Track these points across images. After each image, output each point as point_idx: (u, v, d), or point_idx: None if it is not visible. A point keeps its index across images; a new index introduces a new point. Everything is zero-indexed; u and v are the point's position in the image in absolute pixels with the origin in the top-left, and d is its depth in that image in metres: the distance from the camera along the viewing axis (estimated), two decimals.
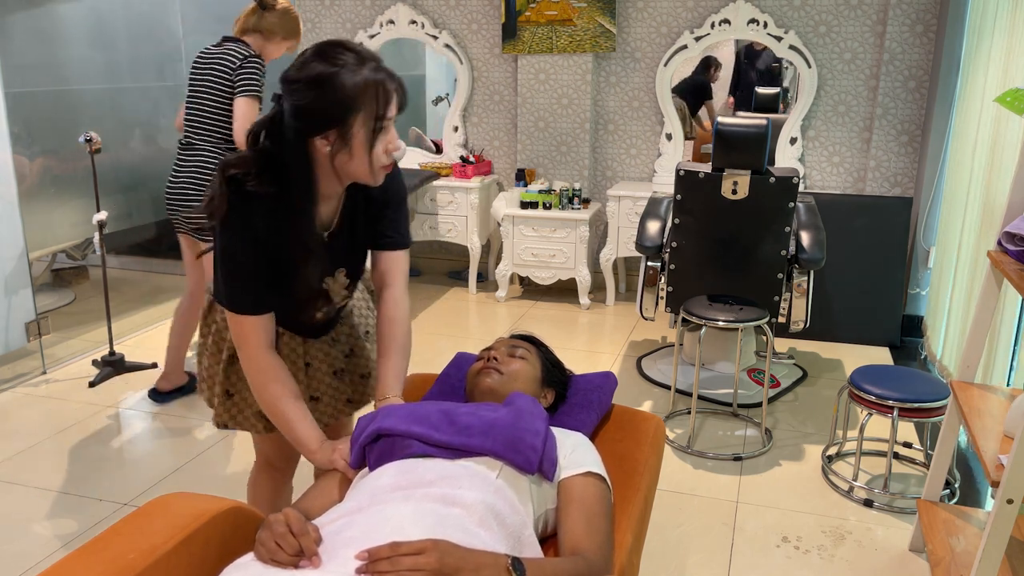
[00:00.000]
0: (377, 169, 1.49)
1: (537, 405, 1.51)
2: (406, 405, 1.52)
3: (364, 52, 1.45)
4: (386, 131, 1.46)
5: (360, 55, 1.43)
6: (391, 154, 1.48)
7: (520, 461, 1.38)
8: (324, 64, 1.40)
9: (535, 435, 1.40)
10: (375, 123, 1.43)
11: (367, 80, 1.41)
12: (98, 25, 4.13)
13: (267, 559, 1.18)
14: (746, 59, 4.76)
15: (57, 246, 4.14)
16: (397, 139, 1.48)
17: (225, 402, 1.75)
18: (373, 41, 4.98)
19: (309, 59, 1.42)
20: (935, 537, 2.14)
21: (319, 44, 1.44)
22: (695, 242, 3.26)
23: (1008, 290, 2.68)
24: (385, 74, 1.44)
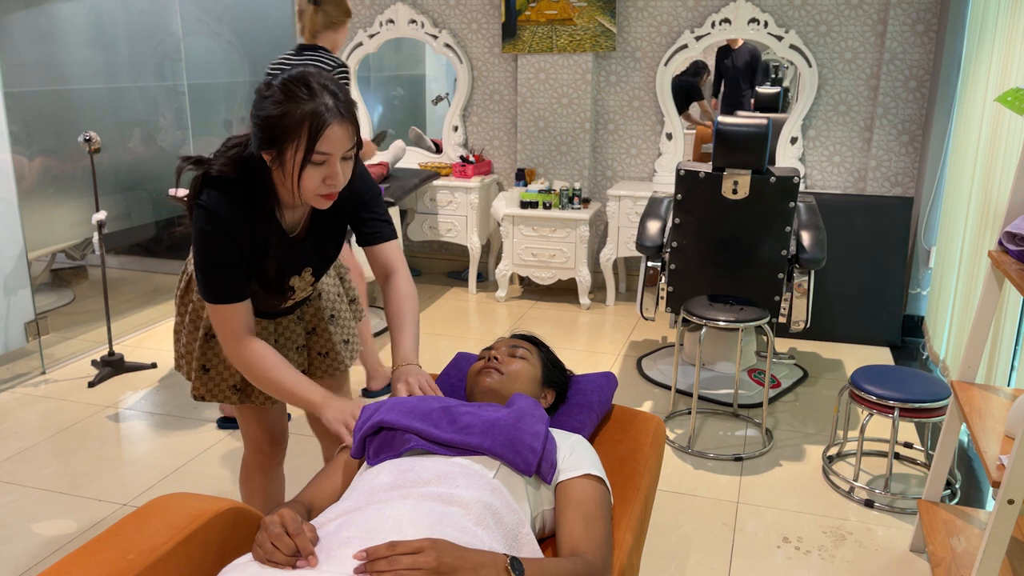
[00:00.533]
0: (312, 196, 1.51)
1: (538, 407, 1.51)
2: (410, 399, 1.52)
3: (321, 88, 1.46)
4: (326, 164, 1.47)
5: (312, 90, 1.45)
6: (329, 187, 1.50)
7: (518, 462, 1.38)
8: (281, 90, 1.45)
9: (534, 437, 1.40)
10: (305, 155, 1.45)
11: (304, 112, 1.43)
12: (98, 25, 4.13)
13: (264, 560, 1.18)
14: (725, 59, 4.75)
15: (56, 246, 4.14)
16: (338, 175, 1.48)
17: (202, 376, 1.84)
18: (373, 41, 4.97)
19: (277, 82, 1.47)
20: (936, 537, 2.14)
21: (292, 74, 1.48)
22: (695, 242, 3.26)
23: (1009, 290, 2.68)
24: (332, 113, 1.44)
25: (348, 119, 1.47)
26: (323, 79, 1.48)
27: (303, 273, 1.74)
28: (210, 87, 4.78)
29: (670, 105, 4.53)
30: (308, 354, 1.96)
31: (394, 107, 5.70)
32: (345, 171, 1.51)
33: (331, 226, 1.72)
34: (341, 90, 1.49)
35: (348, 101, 1.49)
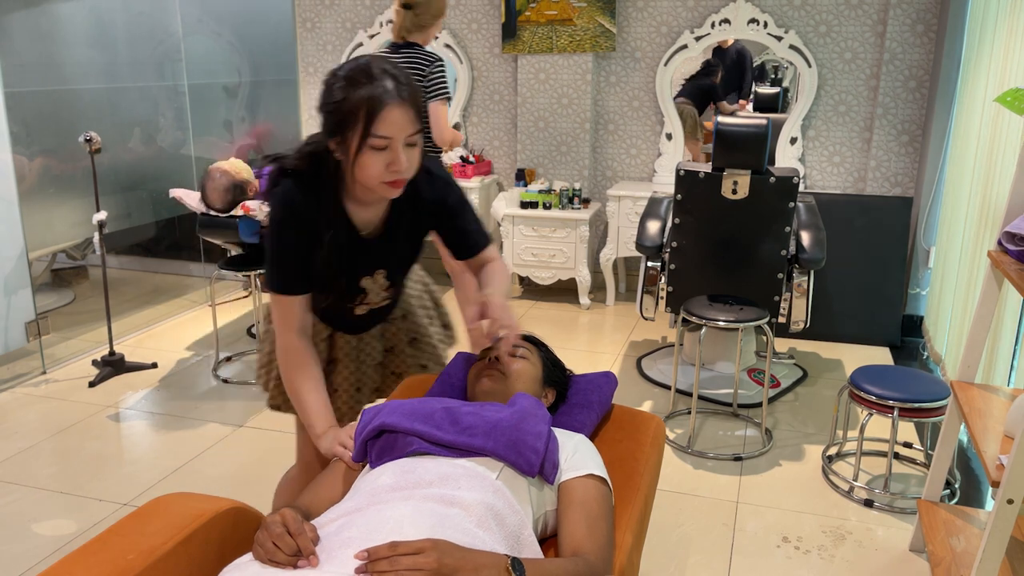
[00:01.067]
0: (377, 184, 1.50)
1: (540, 407, 1.51)
2: (410, 401, 1.52)
3: (381, 72, 1.45)
4: (388, 150, 1.46)
5: (373, 75, 1.44)
6: (393, 173, 1.48)
7: (521, 463, 1.37)
8: (344, 77, 1.46)
9: (537, 437, 1.40)
10: (363, 138, 1.44)
11: (363, 95, 1.43)
12: (98, 25, 4.13)
13: (265, 560, 1.18)
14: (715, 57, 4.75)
15: (57, 246, 4.14)
16: (400, 161, 1.46)
17: (279, 385, 1.86)
18: (373, 41, 4.98)
19: (342, 71, 1.48)
20: (935, 537, 2.14)
21: (355, 61, 1.48)
22: (695, 242, 3.26)
23: (1008, 290, 2.68)
24: (391, 95, 1.43)
25: (410, 103, 1.45)
26: (385, 64, 1.47)
27: (375, 275, 1.72)
28: (210, 87, 4.78)
29: (670, 105, 4.54)
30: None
31: None
32: (410, 157, 1.48)
33: (407, 228, 1.68)
34: (403, 75, 1.47)
35: (411, 86, 1.46)
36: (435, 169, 1.67)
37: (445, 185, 1.68)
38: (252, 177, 3.50)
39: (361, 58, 1.49)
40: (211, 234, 3.59)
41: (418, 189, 1.63)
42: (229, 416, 3.23)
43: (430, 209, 1.67)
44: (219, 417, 3.22)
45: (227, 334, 4.21)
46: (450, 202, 1.69)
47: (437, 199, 1.67)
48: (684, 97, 4.68)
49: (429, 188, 1.65)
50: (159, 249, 5.31)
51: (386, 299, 1.81)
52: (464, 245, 1.74)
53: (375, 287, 1.75)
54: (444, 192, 1.68)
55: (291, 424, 3.19)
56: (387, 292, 1.79)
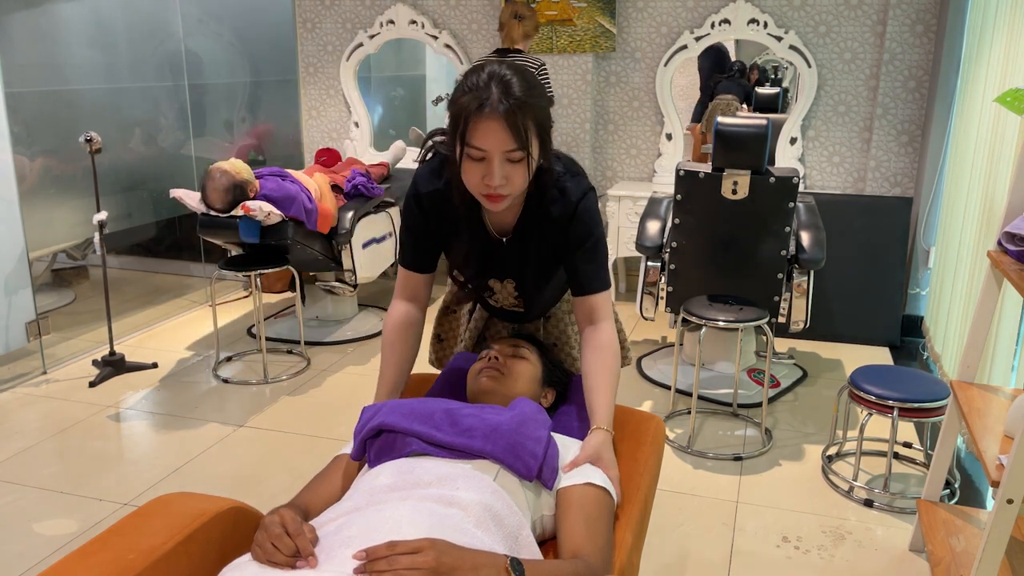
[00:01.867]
0: (477, 195, 1.50)
1: (541, 412, 1.51)
2: (410, 401, 1.52)
3: (490, 80, 1.42)
4: (485, 162, 1.43)
5: (482, 81, 1.42)
6: (486, 186, 1.45)
7: (519, 467, 1.37)
8: (464, 75, 1.46)
9: (536, 442, 1.40)
10: (460, 146, 1.44)
11: (464, 102, 1.42)
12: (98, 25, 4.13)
13: (264, 560, 1.17)
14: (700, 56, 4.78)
15: (57, 246, 4.14)
16: (493, 175, 1.42)
17: (435, 344, 2.08)
18: (373, 41, 4.98)
19: (471, 67, 1.49)
20: (935, 537, 2.14)
21: (482, 66, 1.46)
22: (695, 242, 3.26)
23: (1008, 290, 2.68)
24: (490, 107, 1.39)
25: (513, 118, 1.39)
26: (504, 72, 1.43)
27: (504, 282, 1.75)
28: (211, 87, 4.79)
29: (670, 105, 4.54)
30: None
31: (394, 107, 5.70)
32: (510, 174, 1.44)
33: (537, 242, 1.64)
34: (520, 87, 1.41)
35: (521, 102, 1.40)
36: (573, 194, 1.60)
37: (576, 211, 1.60)
38: (252, 177, 3.50)
39: (485, 62, 1.46)
40: (211, 234, 3.59)
41: (549, 206, 1.59)
42: (229, 416, 3.24)
43: (554, 229, 1.62)
44: (219, 417, 3.22)
45: (227, 334, 4.21)
46: (573, 231, 1.61)
47: (562, 221, 1.60)
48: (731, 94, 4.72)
49: (559, 208, 1.59)
50: (159, 249, 5.31)
51: (516, 307, 1.82)
52: (574, 281, 1.66)
53: (503, 292, 1.78)
54: (571, 218, 1.60)
55: (291, 425, 3.20)
56: (517, 301, 1.80)
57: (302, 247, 3.63)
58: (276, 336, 4.09)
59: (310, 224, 3.58)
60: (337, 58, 5.13)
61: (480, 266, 1.71)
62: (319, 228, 3.64)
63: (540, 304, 1.83)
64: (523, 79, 1.45)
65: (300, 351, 3.89)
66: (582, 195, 1.61)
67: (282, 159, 5.24)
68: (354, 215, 3.83)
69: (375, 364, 3.80)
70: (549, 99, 1.55)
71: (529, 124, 1.43)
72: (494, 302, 1.83)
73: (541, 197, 1.58)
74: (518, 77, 1.44)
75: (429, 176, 1.63)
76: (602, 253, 1.66)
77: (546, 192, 1.58)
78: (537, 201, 1.59)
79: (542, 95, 1.48)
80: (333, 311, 4.27)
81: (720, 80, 4.78)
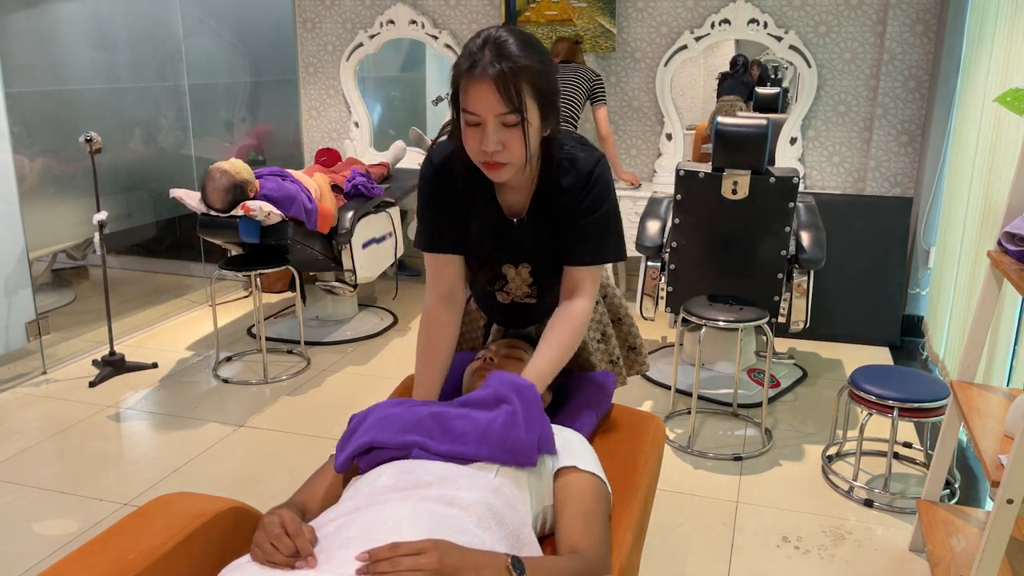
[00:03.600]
0: (479, 164, 1.47)
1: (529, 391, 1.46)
2: (396, 411, 1.48)
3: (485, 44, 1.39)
4: (477, 128, 1.41)
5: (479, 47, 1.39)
6: (483, 152, 1.43)
7: (520, 460, 1.37)
8: (467, 42, 1.43)
9: (530, 429, 1.39)
10: (457, 113, 1.43)
11: (458, 67, 1.41)
12: (98, 25, 4.13)
13: (263, 560, 1.17)
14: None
15: (57, 246, 4.14)
16: (488, 140, 1.40)
17: None
18: (373, 41, 4.98)
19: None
20: (935, 537, 2.14)
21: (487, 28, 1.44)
22: (695, 242, 3.26)
23: (1008, 290, 2.68)
24: (481, 69, 1.37)
25: (504, 80, 1.36)
26: (502, 34, 1.40)
27: (520, 267, 1.69)
28: (211, 87, 4.79)
29: (670, 105, 4.54)
30: None
31: (394, 107, 5.70)
32: (506, 140, 1.41)
33: (549, 224, 1.60)
34: (518, 51, 1.38)
35: (514, 64, 1.36)
36: (586, 163, 1.55)
37: (589, 179, 1.55)
38: (252, 177, 3.50)
39: (489, 28, 1.43)
40: (211, 234, 3.59)
41: (559, 177, 1.55)
42: (229, 416, 3.24)
43: (568, 201, 1.56)
44: (219, 417, 3.22)
45: (227, 334, 4.21)
46: (585, 198, 1.55)
47: (574, 191, 1.55)
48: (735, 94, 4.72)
49: (570, 178, 1.55)
50: (159, 249, 5.31)
51: (529, 296, 1.75)
52: (573, 249, 1.60)
53: (518, 279, 1.71)
54: (583, 186, 1.55)
55: (290, 425, 3.20)
56: (531, 290, 1.73)
57: (302, 247, 3.63)
58: (276, 336, 4.09)
59: (310, 224, 3.58)
60: (337, 58, 5.13)
61: (493, 248, 1.64)
62: (319, 228, 3.64)
63: (554, 294, 1.72)
64: (520, 40, 1.41)
65: (300, 351, 3.89)
66: (595, 163, 1.56)
67: (282, 159, 5.24)
68: (354, 215, 3.83)
69: (375, 364, 3.80)
70: (554, 67, 1.47)
71: (523, 87, 1.39)
72: (505, 295, 1.76)
73: (551, 170, 1.54)
74: (515, 38, 1.40)
75: (441, 153, 1.59)
76: (615, 224, 1.61)
77: (556, 164, 1.54)
78: (548, 175, 1.54)
79: (542, 60, 1.43)
80: (333, 311, 4.27)
81: (725, 78, 4.79)
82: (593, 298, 1.64)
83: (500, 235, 1.64)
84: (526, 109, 1.40)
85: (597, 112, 4.24)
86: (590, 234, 1.59)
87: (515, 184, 1.58)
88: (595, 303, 1.86)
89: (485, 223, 1.61)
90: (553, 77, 1.46)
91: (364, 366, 3.78)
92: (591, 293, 1.63)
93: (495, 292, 1.77)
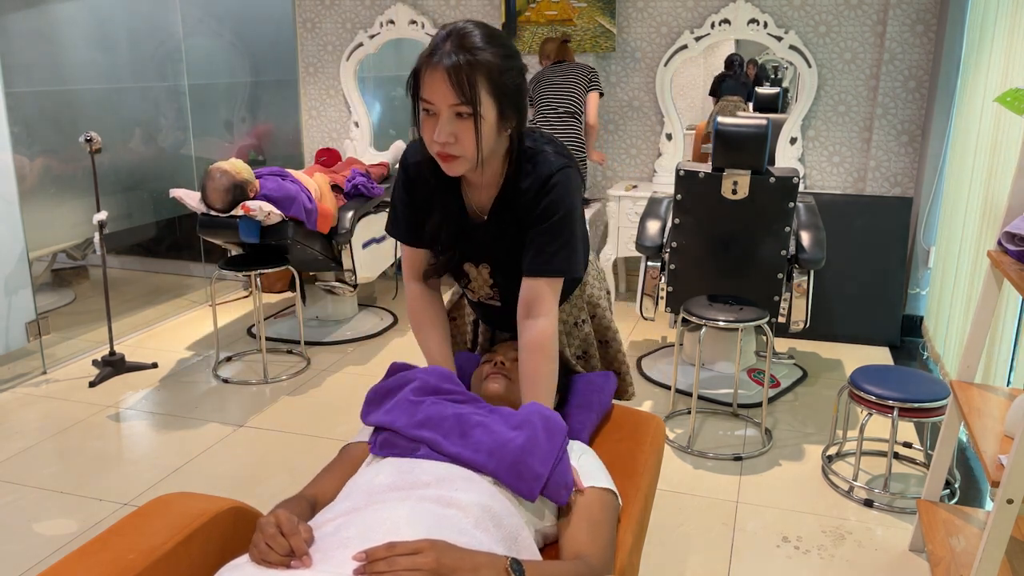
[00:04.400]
0: (433, 154, 1.47)
1: (555, 422, 1.44)
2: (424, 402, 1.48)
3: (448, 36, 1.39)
4: (433, 117, 1.41)
5: (443, 39, 1.39)
6: (436, 144, 1.42)
7: (522, 489, 1.35)
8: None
9: (543, 462, 1.36)
10: (415, 103, 1.43)
11: (420, 56, 1.42)
12: (98, 25, 4.13)
13: (259, 560, 1.17)
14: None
15: (57, 246, 4.14)
16: (444, 133, 1.40)
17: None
18: (373, 41, 4.98)
19: None
20: (935, 537, 2.14)
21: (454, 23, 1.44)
22: (695, 242, 3.26)
23: (1008, 290, 2.68)
24: (439, 59, 1.37)
25: (458, 72, 1.36)
26: (464, 28, 1.40)
27: (480, 267, 1.69)
28: (211, 87, 4.79)
29: (670, 105, 4.54)
30: None
31: (394, 107, 5.70)
32: (458, 132, 1.40)
33: (509, 226, 1.58)
34: (480, 44, 1.38)
35: (472, 56, 1.36)
36: (547, 167, 1.53)
37: (546, 183, 1.52)
38: (252, 177, 3.50)
39: (459, 21, 1.44)
40: (211, 234, 3.59)
41: (519, 178, 1.54)
42: (229, 416, 3.24)
43: (526, 204, 1.54)
44: (219, 417, 3.22)
45: (227, 334, 4.21)
46: (541, 203, 1.52)
47: (531, 193, 1.53)
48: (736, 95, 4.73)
49: (530, 181, 1.53)
50: (159, 249, 5.31)
51: (491, 298, 1.74)
52: (526, 258, 1.56)
53: (479, 279, 1.72)
54: (540, 189, 1.52)
55: (290, 425, 3.20)
56: (492, 291, 1.72)
57: (302, 247, 3.63)
58: (276, 336, 4.09)
59: (310, 224, 3.58)
60: (337, 58, 5.13)
61: (453, 244, 1.65)
62: (319, 228, 3.64)
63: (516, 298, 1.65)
64: (485, 34, 1.40)
65: (300, 351, 3.89)
66: (557, 169, 1.53)
67: (282, 159, 5.24)
68: (354, 215, 3.83)
69: (375, 364, 3.80)
70: (519, 65, 1.45)
71: (479, 79, 1.37)
72: (471, 293, 1.78)
73: (514, 171, 1.53)
74: (480, 31, 1.40)
75: (414, 152, 1.62)
76: (567, 235, 1.54)
77: (519, 166, 1.53)
78: (512, 177, 1.54)
79: (506, 56, 1.41)
80: (333, 311, 4.27)
81: (722, 79, 4.79)
82: (554, 314, 1.58)
83: (460, 232, 1.64)
84: (479, 103, 1.38)
85: (588, 96, 4.25)
86: (538, 242, 1.54)
87: (481, 183, 1.58)
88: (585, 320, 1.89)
89: (446, 218, 1.62)
90: (517, 76, 1.45)
91: (364, 366, 3.78)
92: (550, 309, 1.56)
93: (464, 291, 1.82)
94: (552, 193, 1.52)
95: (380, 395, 1.54)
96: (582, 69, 4.28)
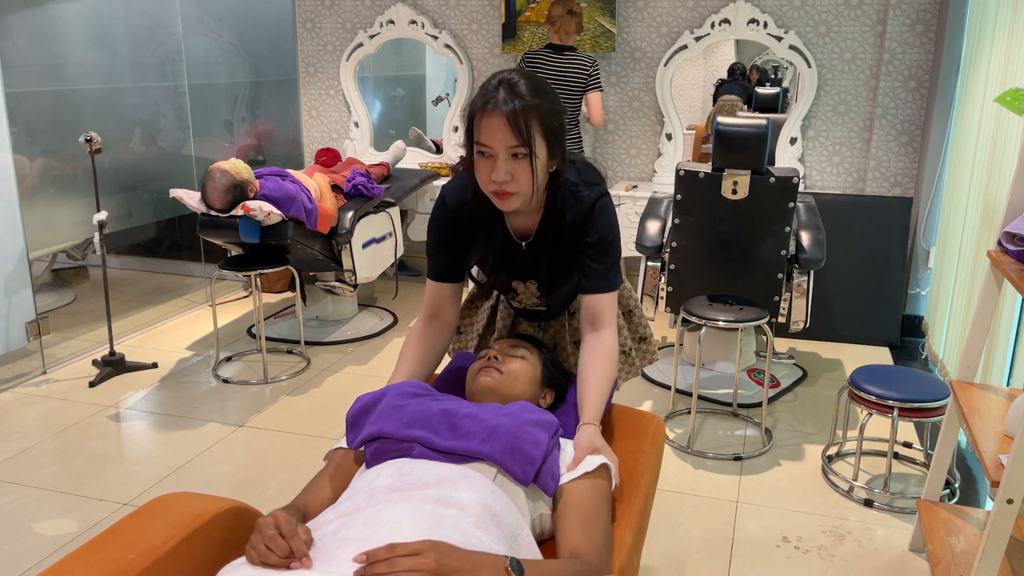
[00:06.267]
0: (488, 193, 1.58)
1: (543, 415, 1.49)
2: (407, 405, 1.50)
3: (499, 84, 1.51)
4: (489, 159, 1.52)
5: (494, 85, 1.52)
6: (493, 182, 1.53)
7: (516, 470, 1.37)
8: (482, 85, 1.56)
9: (535, 446, 1.40)
10: (470, 145, 1.55)
11: (474, 103, 1.53)
12: (98, 25, 4.13)
13: (258, 562, 1.17)
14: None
15: (57, 246, 4.14)
16: (498, 171, 1.51)
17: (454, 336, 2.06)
18: (373, 41, 4.98)
19: None
20: (935, 537, 2.14)
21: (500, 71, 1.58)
22: (695, 242, 3.26)
23: (1008, 290, 2.68)
24: (494, 104, 1.49)
25: (515, 117, 1.48)
26: (513, 77, 1.53)
27: (528, 283, 1.84)
28: (211, 87, 4.79)
29: (670, 105, 4.54)
30: None
31: (394, 107, 5.70)
32: (515, 171, 1.52)
33: (554, 244, 1.73)
34: (529, 90, 1.51)
35: (525, 102, 1.49)
36: (588, 199, 1.68)
37: (590, 213, 1.68)
38: (252, 177, 3.50)
39: (503, 72, 1.56)
40: (211, 234, 3.59)
41: (564, 209, 1.68)
42: (229, 416, 3.24)
43: (569, 232, 1.70)
44: (219, 417, 3.22)
45: (227, 334, 4.21)
46: (587, 232, 1.68)
47: (576, 225, 1.69)
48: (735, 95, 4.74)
49: (573, 212, 1.68)
50: (160, 249, 5.31)
51: (539, 306, 1.91)
52: (582, 279, 1.72)
53: (527, 293, 1.86)
54: (584, 220, 1.68)
55: (290, 425, 3.20)
56: (540, 302, 1.88)
57: (302, 247, 3.63)
58: (276, 336, 4.09)
59: (310, 224, 3.58)
60: (337, 58, 5.13)
61: (503, 268, 1.80)
62: (319, 228, 3.64)
63: (562, 303, 1.93)
64: (531, 83, 1.54)
65: (300, 351, 3.89)
66: (596, 198, 1.69)
67: (282, 159, 5.24)
68: (354, 215, 3.83)
69: (375, 364, 3.80)
70: (561, 108, 1.61)
71: (532, 123, 1.51)
72: (518, 303, 1.93)
73: (556, 203, 1.67)
74: (526, 81, 1.54)
75: (456, 191, 1.72)
76: (613, 256, 1.72)
77: (561, 198, 1.66)
78: (554, 207, 1.67)
79: (551, 100, 1.55)
80: (333, 311, 4.27)
81: (723, 83, 4.80)
82: (615, 324, 1.73)
83: (508, 256, 1.78)
84: (535, 143, 1.52)
85: (588, 97, 4.12)
86: (592, 265, 1.70)
87: (523, 211, 1.70)
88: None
89: (494, 246, 1.75)
90: (560, 117, 1.59)
91: (364, 366, 3.78)
92: (611, 321, 1.72)
93: (509, 301, 1.96)
94: (596, 222, 1.69)
95: (360, 415, 1.53)
96: (581, 65, 4.13)
